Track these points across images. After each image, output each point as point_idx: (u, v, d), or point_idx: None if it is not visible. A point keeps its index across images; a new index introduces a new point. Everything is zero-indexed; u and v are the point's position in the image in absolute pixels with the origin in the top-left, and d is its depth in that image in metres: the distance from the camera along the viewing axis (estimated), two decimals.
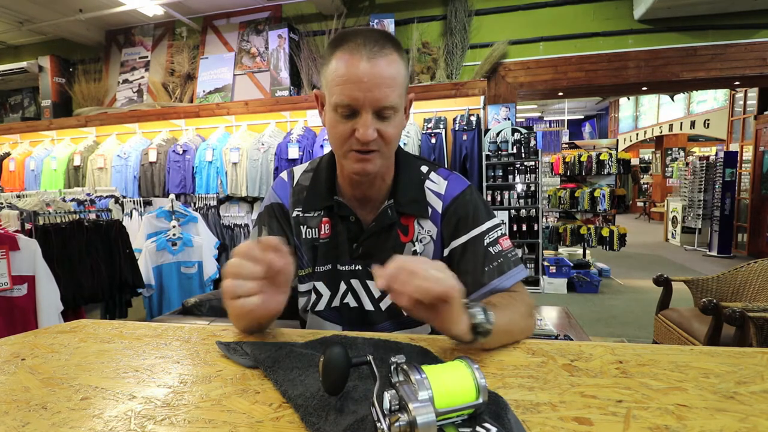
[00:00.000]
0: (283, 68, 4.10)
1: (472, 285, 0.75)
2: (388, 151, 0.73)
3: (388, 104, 0.67)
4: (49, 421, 0.44)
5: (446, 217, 0.79)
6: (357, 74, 0.65)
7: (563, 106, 12.24)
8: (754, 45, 3.66)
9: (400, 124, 0.72)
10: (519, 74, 4.01)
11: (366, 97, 0.65)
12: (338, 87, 0.66)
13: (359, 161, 0.70)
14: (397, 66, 0.68)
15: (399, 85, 0.68)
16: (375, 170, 0.72)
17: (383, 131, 0.69)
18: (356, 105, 0.66)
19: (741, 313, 1.55)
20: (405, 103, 0.73)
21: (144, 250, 2.88)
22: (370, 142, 0.68)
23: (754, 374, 0.51)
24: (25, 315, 1.96)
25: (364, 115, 0.67)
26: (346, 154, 0.71)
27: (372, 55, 0.65)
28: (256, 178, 3.79)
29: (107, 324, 0.79)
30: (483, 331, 0.56)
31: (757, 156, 5.93)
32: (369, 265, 0.80)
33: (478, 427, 0.39)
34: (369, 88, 0.65)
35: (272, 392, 0.50)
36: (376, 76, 0.65)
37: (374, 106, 0.66)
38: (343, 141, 0.70)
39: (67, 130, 4.72)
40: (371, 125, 0.67)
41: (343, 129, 0.69)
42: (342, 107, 0.67)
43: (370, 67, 0.65)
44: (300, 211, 0.83)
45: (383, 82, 0.65)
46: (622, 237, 4.58)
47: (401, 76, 0.69)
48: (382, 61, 0.66)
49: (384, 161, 0.73)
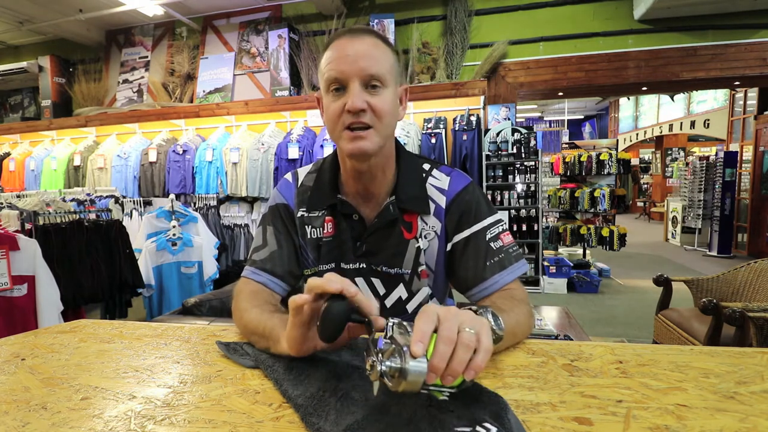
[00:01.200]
0: (283, 68, 4.10)
1: (474, 280, 0.76)
2: (383, 128, 0.72)
3: (374, 72, 0.69)
4: (49, 421, 0.44)
5: (450, 212, 0.80)
6: (344, 51, 0.70)
7: (563, 106, 12.24)
8: (754, 45, 3.66)
9: (392, 103, 0.73)
10: (519, 74, 4.01)
11: (351, 69, 0.69)
12: (327, 67, 0.71)
13: (353, 139, 0.71)
14: (382, 49, 0.72)
15: (385, 62, 0.71)
16: (371, 148, 0.71)
17: (373, 104, 0.70)
18: (343, 77, 0.69)
19: (741, 313, 1.55)
20: (398, 89, 0.76)
21: (144, 250, 2.88)
22: (359, 111, 0.69)
23: (754, 374, 0.51)
24: (25, 315, 1.96)
25: (352, 85, 0.69)
26: (341, 134, 0.72)
27: (356, 36, 0.71)
28: (256, 178, 3.79)
29: (107, 324, 0.79)
30: (495, 339, 0.55)
31: (757, 156, 5.93)
32: (373, 263, 0.81)
33: (478, 427, 0.39)
34: (354, 60, 0.69)
35: (272, 392, 0.50)
36: (359, 50, 0.69)
37: (360, 75, 0.69)
38: (335, 120, 0.72)
39: (67, 130, 4.72)
40: (359, 95, 0.69)
41: (335, 107, 0.71)
42: (332, 82, 0.70)
43: (354, 44, 0.70)
44: (304, 211, 0.84)
45: (367, 54, 0.69)
46: (622, 237, 4.58)
47: (387, 57, 0.72)
48: (367, 39, 0.71)
49: (380, 140, 0.73)
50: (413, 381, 0.39)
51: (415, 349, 0.40)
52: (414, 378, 0.39)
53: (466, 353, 0.41)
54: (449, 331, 0.42)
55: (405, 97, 0.79)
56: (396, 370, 0.39)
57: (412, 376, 0.39)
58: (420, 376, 0.39)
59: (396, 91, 0.75)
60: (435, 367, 0.40)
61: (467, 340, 0.42)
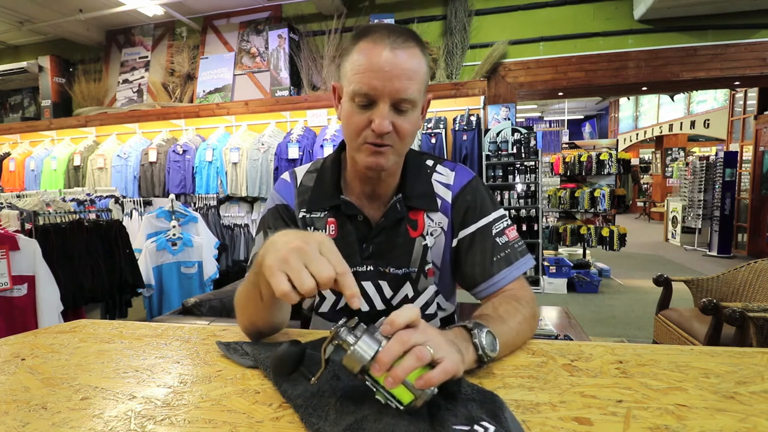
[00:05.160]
0: (283, 68, 4.10)
1: (481, 276, 0.75)
2: (401, 148, 0.71)
3: (407, 97, 0.65)
4: (49, 421, 0.44)
5: (456, 207, 0.79)
6: (378, 63, 0.64)
7: (563, 106, 12.24)
8: (754, 45, 3.66)
9: (416, 121, 0.70)
10: (519, 74, 4.01)
11: (385, 87, 0.64)
12: (357, 75, 0.65)
13: (373, 154, 0.69)
14: (419, 61, 0.67)
15: (419, 80, 0.67)
16: (387, 166, 0.71)
17: (399, 125, 0.67)
18: (374, 94, 0.65)
19: (741, 313, 1.55)
20: (423, 102, 0.72)
21: (144, 250, 2.88)
22: (384, 134, 0.66)
23: (754, 374, 0.51)
24: (25, 315, 1.96)
25: (381, 105, 0.65)
26: (360, 146, 0.70)
27: (395, 45, 0.64)
28: (256, 178, 3.79)
29: (107, 324, 0.79)
30: (488, 360, 0.55)
31: (757, 156, 5.93)
32: (381, 265, 0.78)
33: (476, 426, 0.39)
34: (389, 78, 0.64)
35: (272, 392, 0.50)
36: (396, 67, 0.64)
37: (392, 97, 0.65)
38: (357, 132, 0.69)
39: (67, 130, 4.72)
40: (387, 117, 0.65)
41: (359, 120, 0.67)
42: (360, 96, 0.66)
43: (392, 57, 0.64)
44: (305, 212, 0.81)
45: (403, 74, 0.64)
46: (622, 237, 4.58)
47: (422, 71, 0.67)
48: (404, 53, 0.65)
49: (396, 158, 0.72)
50: (354, 359, 0.41)
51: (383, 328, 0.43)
52: (356, 356, 0.41)
53: (415, 363, 0.41)
54: (408, 336, 0.43)
55: (427, 107, 0.75)
56: (349, 342, 0.42)
57: (355, 354, 0.41)
58: (361, 359, 0.41)
59: (422, 103, 0.72)
60: (379, 358, 0.41)
61: (420, 353, 0.42)
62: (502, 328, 0.59)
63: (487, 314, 0.63)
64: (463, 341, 0.53)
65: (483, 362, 0.54)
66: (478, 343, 0.54)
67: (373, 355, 0.41)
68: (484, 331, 0.55)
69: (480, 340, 0.54)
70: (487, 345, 0.54)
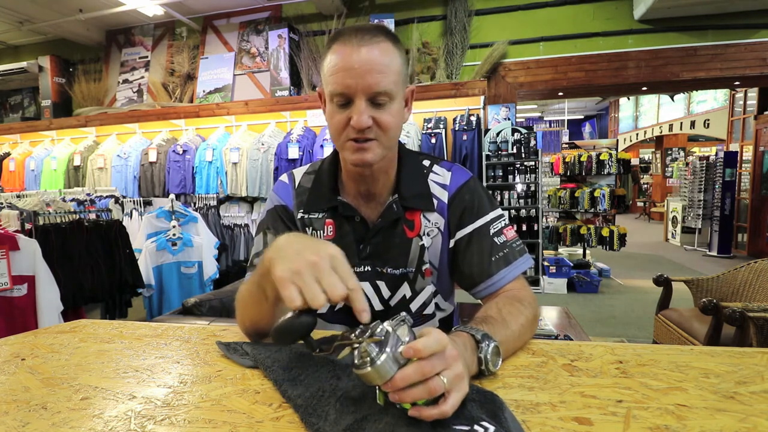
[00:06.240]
0: (283, 68, 4.10)
1: (479, 276, 0.75)
2: (387, 140, 0.72)
3: (381, 90, 0.67)
4: (49, 421, 0.44)
5: (452, 207, 0.79)
6: (349, 62, 0.66)
7: (563, 106, 12.24)
8: (754, 45, 3.66)
9: (398, 113, 0.71)
10: (519, 74, 4.01)
11: (358, 84, 0.66)
12: (332, 77, 0.68)
13: (357, 150, 0.70)
14: (391, 54, 0.68)
15: (393, 72, 0.68)
16: (374, 160, 0.71)
17: (379, 119, 0.68)
18: (349, 92, 0.67)
19: (741, 313, 1.55)
20: (404, 94, 0.73)
21: (144, 250, 2.88)
22: (365, 129, 0.68)
23: (754, 374, 0.51)
24: (25, 315, 1.96)
25: (358, 102, 0.67)
26: (344, 144, 0.71)
27: (363, 43, 0.66)
28: (256, 178, 3.79)
29: (107, 324, 0.79)
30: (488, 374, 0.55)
31: (757, 156, 5.92)
32: (378, 265, 0.79)
33: (476, 426, 0.39)
34: (360, 74, 0.65)
35: (272, 392, 0.50)
36: (366, 63, 0.65)
37: (367, 92, 0.66)
38: (340, 131, 0.70)
39: (67, 130, 4.72)
40: (365, 112, 0.67)
41: (340, 118, 0.69)
42: (337, 96, 0.68)
43: (361, 54, 0.66)
44: (304, 213, 0.82)
45: (374, 68, 0.66)
46: (622, 237, 4.58)
47: (395, 63, 0.69)
48: (374, 48, 0.66)
49: (384, 151, 0.72)
50: (371, 376, 0.40)
51: (405, 350, 0.40)
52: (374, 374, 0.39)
53: (425, 394, 0.40)
54: (430, 368, 0.41)
55: (411, 99, 0.77)
56: (372, 356, 0.40)
57: (376, 372, 0.39)
58: (380, 377, 0.40)
59: (402, 97, 0.73)
60: (394, 381, 0.40)
61: (434, 386, 0.40)
62: (506, 332, 0.59)
63: (491, 316, 0.63)
64: (470, 353, 0.53)
65: (483, 375, 0.54)
66: (483, 357, 0.53)
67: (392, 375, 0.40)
68: (492, 345, 0.54)
69: (486, 354, 0.53)
70: (491, 360, 0.54)
